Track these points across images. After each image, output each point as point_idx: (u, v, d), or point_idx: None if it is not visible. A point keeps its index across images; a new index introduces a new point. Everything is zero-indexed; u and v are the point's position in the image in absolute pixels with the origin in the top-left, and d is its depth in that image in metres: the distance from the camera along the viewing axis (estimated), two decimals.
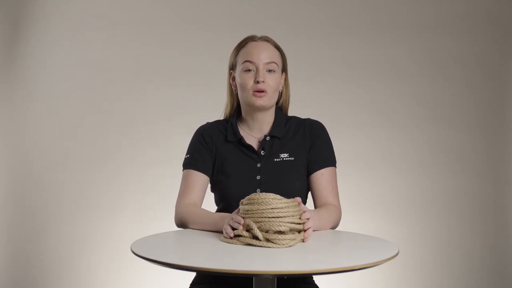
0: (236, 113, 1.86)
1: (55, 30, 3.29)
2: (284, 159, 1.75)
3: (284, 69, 1.83)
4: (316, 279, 1.78)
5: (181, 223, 1.72)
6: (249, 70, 1.74)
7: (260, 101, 1.73)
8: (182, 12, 3.26)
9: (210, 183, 1.81)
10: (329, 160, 1.78)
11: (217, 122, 1.87)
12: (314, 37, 3.22)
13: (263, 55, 1.75)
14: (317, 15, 3.24)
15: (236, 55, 1.80)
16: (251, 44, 1.78)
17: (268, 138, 1.78)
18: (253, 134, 1.81)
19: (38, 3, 3.30)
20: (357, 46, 3.21)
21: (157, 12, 3.27)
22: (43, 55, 3.29)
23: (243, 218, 1.42)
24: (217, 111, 1.94)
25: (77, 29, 3.28)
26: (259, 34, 1.82)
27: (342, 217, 1.79)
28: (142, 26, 3.26)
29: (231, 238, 1.43)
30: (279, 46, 1.81)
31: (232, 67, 1.82)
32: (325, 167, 1.77)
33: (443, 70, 3.19)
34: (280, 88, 1.82)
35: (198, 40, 3.24)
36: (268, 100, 1.74)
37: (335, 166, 1.80)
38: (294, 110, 1.92)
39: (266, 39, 1.80)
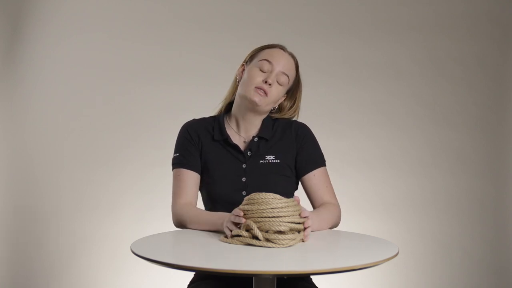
0: (224, 110, 1.86)
1: (55, 30, 3.29)
2: (270, 161, 1.75)
3: (290, 90, 1.83)
4: (316, 279, 1.78)
5: (180, 224, 1.72)
6: (262, 70, 1.74)
7: (256, 98, 1.72)
8: (182, 12, 3.26)
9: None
10: (318, 161, 1.80)
11: (203, 119, 1.86)
12: (314, 37, 3.22)
13: (283, 63, 1.76)
14: (317, 15, 3.24)
15: (259, 52, 1.80)
16: (277, 50, 1.79)
17: (256, 139, 1.78)
18: (239, 133, 1.81)
19: (38, 3, 3.30)
20: (357, 46, 3.21)
21: (157, 12, 3.27)
22: (43, 55, 3.29)
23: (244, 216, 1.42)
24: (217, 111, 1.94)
25: (77, 29, 3.28)
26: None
27: (342, 217, 1.80)
28: (142, 26, 3.26)
29: (231, 237, 1.44)
30: (298, 68, 1.83)
31: (249, 60, 1.82)
32: (316, 169, 1.78)
33: (443, 70, 3.19)
34: (277, 103, 1.82)
35: (198, 40, 3.24)
36: (264, 102, 1.74)
37: (325, 165, 1.81)
38: None
39: (292, 55, 1.82)
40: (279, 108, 1.86)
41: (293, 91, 1.85)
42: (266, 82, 1.73)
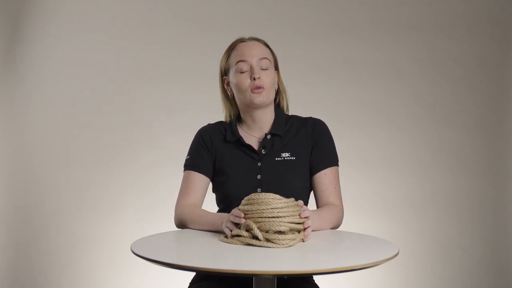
0: (236, 114, 1.86)
1: (55, 30, 3.29)
2: (286, 158, 1.75)
3: (276, 67, 1.82)
4: (316, 279, 1.78)
5: (181, 224, 1.72)
6: (243, 71, 1.74)
7: (259, 98, 1.73)
8: (182, 12, 3.26)
9: (212, 184, 1.82)
10: (332, 160, 1.78)
11: (219, 123, 1.87)
12: (314, 37, 3.22)
13: (255, 52, 1.75)
14: (317, 15, 3.24)
15: (227, 59, 1.81)
16: (241, 45, 1.79)
17: (269, 136, 1.78)
18: (252, 133, 1.81)
19: (38, 3, 3.30)
20: (357, 46, 3.21)
21: (157, 12, 3.27)
22: (43, 55, 3.29)
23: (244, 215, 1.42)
24: (217, 111, 1.94)
25: (77, 29, 3.28)
26: (252, 35, 1.82)
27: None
28: (142, 26, 3.27)
29: (231, 237, 1.44)
30: (268, 45, 1.82)
31: (225, 72, 1.82)
32: (328, 167, 1.77)
33: (443, 70, 3.19)
34: (276, 85, 1.81)
35: (198, 40, 3.24)
36: (267, 96, 1.74)
37: (337, 165, 1.80)
38: (294, 110, 1.93)
39: (254, 38, 1.81)
40: (278, 91, 1.85)
41: (276, 64, 1.84)
42: (254, 78, 1.72)
